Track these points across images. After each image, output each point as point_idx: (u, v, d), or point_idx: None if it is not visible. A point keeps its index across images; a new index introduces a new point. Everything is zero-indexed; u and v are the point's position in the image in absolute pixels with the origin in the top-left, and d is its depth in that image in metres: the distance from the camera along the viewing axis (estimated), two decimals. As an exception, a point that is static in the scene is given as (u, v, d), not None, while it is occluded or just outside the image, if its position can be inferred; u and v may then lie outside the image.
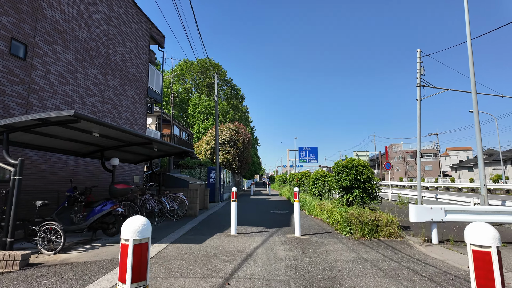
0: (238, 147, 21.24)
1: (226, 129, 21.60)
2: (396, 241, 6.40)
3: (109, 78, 10.59)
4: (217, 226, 7.93)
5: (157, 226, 7.79)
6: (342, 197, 8.37)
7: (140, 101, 12.59)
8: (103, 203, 6.34)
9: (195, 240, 6.15)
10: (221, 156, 20.64)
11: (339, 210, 7.68)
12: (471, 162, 55.94)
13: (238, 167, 21.31)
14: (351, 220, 6.89)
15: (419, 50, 15.66)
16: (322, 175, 12.19)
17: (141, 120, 12.58)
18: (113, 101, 10.78)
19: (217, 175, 15.83)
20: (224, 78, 39.70)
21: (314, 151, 43.81)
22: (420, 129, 15.38)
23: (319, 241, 6.26)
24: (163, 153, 10.11)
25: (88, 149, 7.71)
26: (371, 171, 8.07)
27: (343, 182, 8.08)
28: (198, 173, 17.38)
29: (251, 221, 8.92)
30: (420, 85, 15.49)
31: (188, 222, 8.48)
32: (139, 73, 12.56)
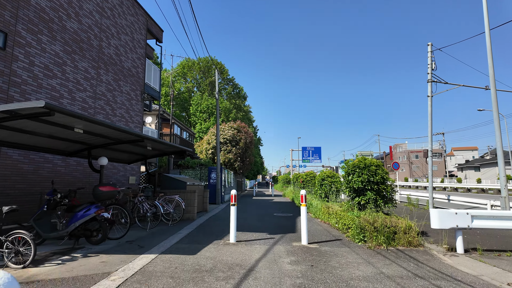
0: (240, 146, 20.51)
1: (228, 128, 20.87)
2: (417, 251, 5.62)
3: (102, 72, 9.91)
4: (215, 232, 7.19)
5: (149, 232, 7.07)
6: (353, 200, 7.59)
7: (136, 98, 11.90)
8: (87, 208, 5.63)
9: (189, 249, 5.42)
10: (223, 156, 19.93)
11: (350, 215, 6.91)
12: (477, 162, 54.77)
13: (240, 167, 20.58)
14: (364, 226, 6.13)
15: (430, 44, 14.83)
16: (329, 175, 11.42)
17: (137, 118, 11.89)
18: (106, 97, 10.09)
19: (218, 176, 15.11)
20: (226, 77, 39.01)
21: (318, 151, 43.06)
22: (431, 127, 14.55)
23: (330, 251, 5.49)
24: (159, 152, 9.40)
25: (74, 148, 7.01)
26: (385, 171, 7.30)
27: (354, 183, 7.31)
28: (198, 174, 16.67)
29: (253, 226, 8.18)
30: (431, 80, 14.66)
31: (184, 227, 7.75)
32: (135, 68, 11.87)
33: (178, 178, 10.00)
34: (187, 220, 9.13)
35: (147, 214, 7.45)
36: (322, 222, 9.01)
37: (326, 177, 11.38)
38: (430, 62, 14.72)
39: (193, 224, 8.40)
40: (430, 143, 14.66)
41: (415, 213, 10.63)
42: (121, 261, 4.61)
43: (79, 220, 5.49)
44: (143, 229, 7.34)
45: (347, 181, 7.63)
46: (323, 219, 9.18)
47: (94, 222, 5.63)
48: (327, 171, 11.64)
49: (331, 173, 11.54)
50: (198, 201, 10.65)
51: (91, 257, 4.91)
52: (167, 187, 9.85)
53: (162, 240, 6.17)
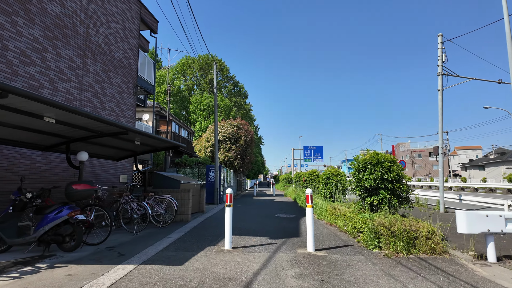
0: (240, 144, 19.70)
1: (228, 126, 20.07)
2: (442, 260, 4.79)
3: (89, 62, 9.12)
4: (209, 236, 6.38)
5: (135, 237, 6.27)
6: (364, 200, 6.76)
7: (128, 91, 11.11)
8: (58, 209, 4.84)
9: (176, 258, 4.61)
10: (222, 154, 19.13)
11: (361, 217, 6.09)
12: (482, 161, 53.77)
13: (240, 166, 19.77)
14: (379, 230, 5.30)
15: (440, 35, 13.98)
16: (334, 173, 10.59)
17: (129, 112, 11.09)
18: (94, 88, 9.30)
19: (216, 175, 14.30)
20: (226, 74, 38.22)
21: (320, 150, 42.26)
22: (442, 123, 13.70)
23: (341, 260, 4.67)
24: (150, 148, 8.61)
25: (50, 141, 6.22)
26: (400, 167, 6.47)
27: (365, 181, 6.48)
28: (196, 172, 15.87)
29: (252, 229, 7.36)
30: (442, 73, 13.80)
31: (176, 231, 6.95)
32: (126, 59, 11.08)
33: (171, 176, 9.20)
34: (180, 222, 8.33)
35: (134, 216, 6.65)
36: (328, 224, 8.19)
37: (331, 175, 10.55)
38: (441, 54, 13.87)
39: (186, 226, 7.59)
40: (440, 139, 13.80)
41: (425, 214, 9.79)
42: (91, 274, 3.81)
43: (49, 223, 4.70)
44: (129, 233, 6.54)
45: (357, 179, 6.80)
46: (329, 220, 8.36)
47: (67, 226, 4.83)
48: (332, 169, 10.82)
49: (336, 171, 10.72)
50: (194, 201, 9.86)
51: (58, 268, 4.11)
52: (160, 186, 9.06)
53: (148, 246, 5.37)
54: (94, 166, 9.27)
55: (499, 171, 47.06)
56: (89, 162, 9.14)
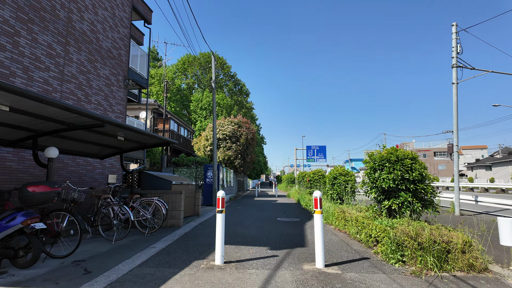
0: (241, 143, 18.77)
1: (228, 123, 19.15)
2: (485, 279, 3.82)
3: (72, 50, 8.24)
4: (200, 246, 5.46)
5: (114, 246, 5.35)
6: (381, 204, 5.80)
7: (117, 84, 10.22)
8: (10, 216, 3.93)
9: (152, 278, 3.68)
10: (222, 153, 18.21)
11: (378, 223, 5.13)
12: (488, 161, 52.41)
13: (240, 166, 18.83)
14: (403, 241, 4.35)
15: (454, 24, 12.96)
16: (342, 173, 9.62)
17: (118, 107, 10.20)
18: (78, 80, 8.41)
19: (214, 174, 13.38)
20: (227, 72, 37.32)
21: (323, 150, 41.29)
22: (457, 118, 12.68)
23: (359, 280, 3.72)
24: (139, 145, 7.70)
25: (14, 136, 5.33)
26: (424, 166, 5.50)
27: (383, 182, 5.52)
28: (194, 172, 14.97)
29: (251, 236, 6.42)
30: (456, 65, 12.78)
31: (162, 238, 6.02)
32: (116, 49, 10.19)
33: (161, 176, 8.28)
34: (171, 227, 7.41)
35: (113, 222, 5.73)
36: (336, 230, 7.23)
37: (339, 175, 9.58)
38: (455, 44, 12.85)
39: (176, 233, 6.67)
40: (455, 136, 12.79)
41: (440, 217, 8.81)
42: (36, 303, 2.90)
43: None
44: (108, 241, 5.63)
45: (372, 180, 5.83)
46: (338, 226, 7.41)
47: (21, 237, 3.92)
48: (339, 169, 9.86)
49: (344, 170, 9.75)
50: (187, 203, 8.94)
51: (-1, 293, 3.20)
52: (149, 187, 8.15)
53: (123, 260, 4.45)
54: (78, 165, 8.39)
55: (507, 171, 45.74)
56: (72, 161, 8.26)
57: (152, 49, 40.79)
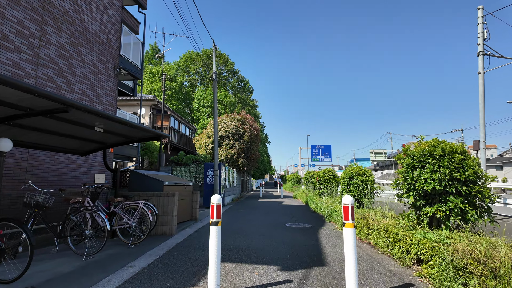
0: (244, 140, 17.59)
1: (231, 120, 17.98)
2: None
3: (50, 31, 7.13)
4: (191, 266, 4.29)
5: (83, 264, 4.20)
6: (420, 210, 4.58)
7: (106, 72, 9.10)
8: None
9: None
10: (224, 151, 17.06)
11: (420, 237, 3.93)
12: (499, 160, 50.66)
13: (244, 164, 17.65)
14: (464, 265, 3.14)
15: (481, 7, 11.65)
16: (360, 172, 8.40)
17: (108, 98, 9.08)
18: (58, 65, 7.31)
19: (215, 174, 12.23)
20: (231, 69, 36.18)
21: (328, 150, 40.26)
22: (483, 111, 11.38)
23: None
24: (124, 139, 6.56)
25: (-44, 123, 4.21)
26: (477, 162, 4.28)
27: (424, 183, 4.30)
28: (194, 172, 13.83)
29: (255, 249, 5.25)
30: (483, 53, 11.48)
31: (147, 252, 4.87)
32: (105, 34, 9.08)
33: (152, 176, 7.13)
34: (162, 235, 6.26)
35: (85, 233, 4.58)
36: (358, 240, 6.03)
37: (356, 175, 8.36)
38: (481, 30, 11.55)
39: (166, 244, 5.51)
40: (482, 131, 11.50)
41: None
42: None
43: None
44: (79, 257, 4.49)
45: (409, 180, 4.61)
46: (359, 235, 6.21)
47: None
48: (356, 167, 8.64)
49: (361, 169, 8.53)
50: (183, 207, 7.78)
51: None
52: (138, 187, 7.01)
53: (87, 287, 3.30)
54: (58, 163, 7.29)
55: (519, 171, 43.98)
56: (49, 158, 7.16)
57: (154, 46, 39.81)
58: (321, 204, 10.42)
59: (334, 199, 10.60)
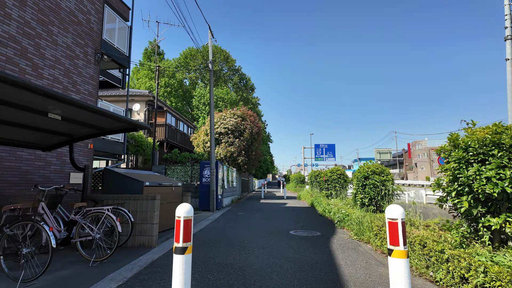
0: (244, 137, 16.39)
1: (230, 116, 16.80)
2: None
3: (11, 4, 5.99)
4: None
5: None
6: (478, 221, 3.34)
7: (85, 58, 7.95)
8: None
9: None
10: (223, 149, 15.87)
11: (485, 260, 2.71)
12: None
13: (244, 163, 16.45)
14: None
15: (508, -14, 10.38)
16: (376, 171, 7.17)
17: (86, 87, 7.93)
18: (21, 44, 6.16)
19: (212, 173, 11.05)
20: (232, 66, 35.00)
21: (332, 149, 39.12)
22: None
23: None
24: (95, 130, 5.39)
25: None
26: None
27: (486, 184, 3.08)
28: (189, 171, 12.67)
29: (252, 271, 4.05)
30: (511, 36, 10.22)
31: (108, 276, 3.69)
32: (83, 13, 7.92)
33: (129, 175, 5.95)
34: (139, 248, 5.09)
35: (21, 251, 3.41)
36: (379, 253, 4.83)
37: (372, 174, 7.14)
38: (508, 11, 10.29)
39: (139, 261, 4.33)
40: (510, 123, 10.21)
41: None
42: None
43: None
44: (12, 283, 3.32)
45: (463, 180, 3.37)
46: (380, 247, 5.00)
47: None
48: (372, 165, 7.41)
49: (378, 167, 7.31)
50: (171, 211, 6.60)
51: None
52: (114, 189, 5.85)
53: None
54: (20, 160, 6.14)
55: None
56: (9, 154, 6.01)
57: (153, 42, 38.76)
58: (330, 207, 9.21)
59: (344, 201, 9.38)
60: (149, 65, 33.50)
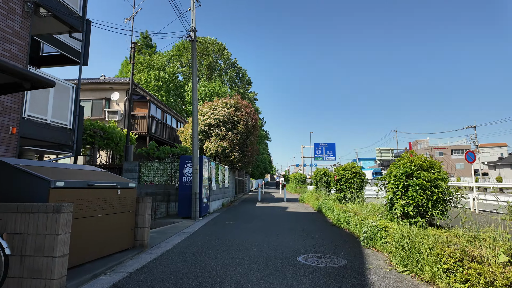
0: (239, 130, 14.02)
1: (222, 105, 14.42)
2: None
3: None
4: None
5: None
6: None
7: (6, 6, 5.54)
8: None
9: None
10: (214, 144, 13.49)
11: None
12: (514, 160, 46.97)
13: (238, 160, 14.04)
14: None
15: None
16: (424, 166, 4.83)
17: (9, 46, 5.52)
18: None
19: (195, 171, 8.65)
20: (228, 59, 32.64)
21: (332, 148, 36.96)
22: None
23: None
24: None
25: None
26: None
27: None
28: (169, 168, 10.27)
29: None
30: None
31: None
32: None
33: (28, 168, 3.55)
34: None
35: None
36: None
37: (418, 170, 4.78)
38: None
39: None
40: None
41: None
42: None
43: None
44: None
45: None
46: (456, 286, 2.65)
47: None
48: (416, 158, 5.07)
49: (426, 160, 4.97)
50: (112, 226, 4.21)
51: None
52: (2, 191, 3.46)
53: None
54: None
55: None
56: None
57: (145, 35, 36.34)
58: (347, 216, 6.86)
59: (368, 207, 7.02)
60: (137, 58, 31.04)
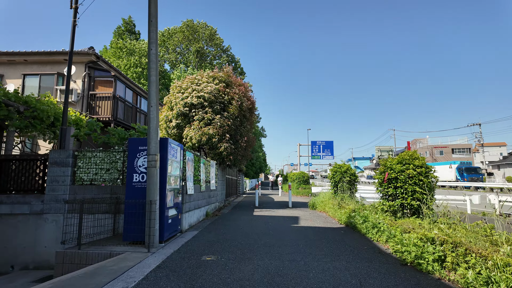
0: (230, 113, 10.30)
1: (207, 79, 10.68)
2: None
3: None
4: None
5: None
6: None
7: None
8: None
9: None
10: (197, 131, 9.72)
11: None
12: None
13: (230, 153, 10.27)
14: None
15: None
16: None
17: None
18: None
19: (151, 164, 4.89)
20: (220, 45, 28.87)
21: (330, 146, 33.53)
22: None
23: None
24: None
25: None
26: None
27: None
28: (121, 160, 6.50)
29: None
30: None
31: None
32: None
33: None
34: None
35: None
36: None
37: None
38: None
39: None
40: None
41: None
42: None
43: None
44: None
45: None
46: None
47: None
48: None
49: None
50: None
51: None
52: None
53: None
54: None
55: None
56: None
57: (128, 20, 32.33)
58: (432, 250, 3.23)
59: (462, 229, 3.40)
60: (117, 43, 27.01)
